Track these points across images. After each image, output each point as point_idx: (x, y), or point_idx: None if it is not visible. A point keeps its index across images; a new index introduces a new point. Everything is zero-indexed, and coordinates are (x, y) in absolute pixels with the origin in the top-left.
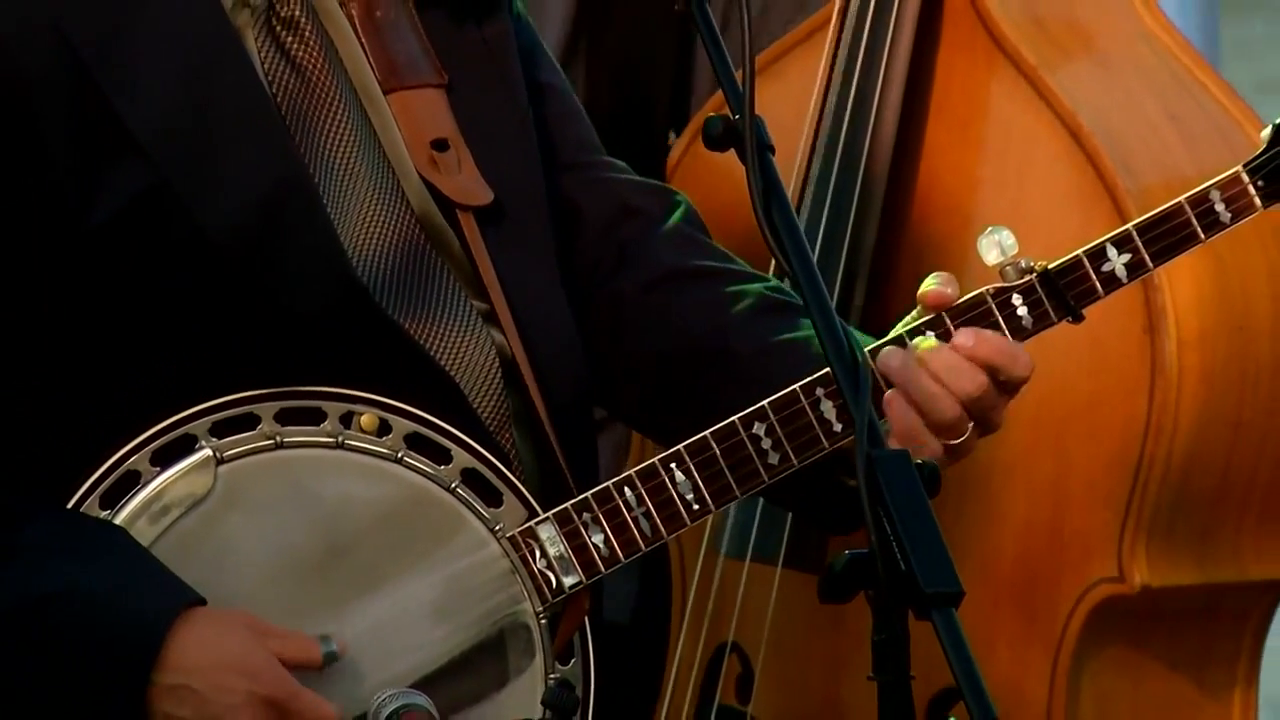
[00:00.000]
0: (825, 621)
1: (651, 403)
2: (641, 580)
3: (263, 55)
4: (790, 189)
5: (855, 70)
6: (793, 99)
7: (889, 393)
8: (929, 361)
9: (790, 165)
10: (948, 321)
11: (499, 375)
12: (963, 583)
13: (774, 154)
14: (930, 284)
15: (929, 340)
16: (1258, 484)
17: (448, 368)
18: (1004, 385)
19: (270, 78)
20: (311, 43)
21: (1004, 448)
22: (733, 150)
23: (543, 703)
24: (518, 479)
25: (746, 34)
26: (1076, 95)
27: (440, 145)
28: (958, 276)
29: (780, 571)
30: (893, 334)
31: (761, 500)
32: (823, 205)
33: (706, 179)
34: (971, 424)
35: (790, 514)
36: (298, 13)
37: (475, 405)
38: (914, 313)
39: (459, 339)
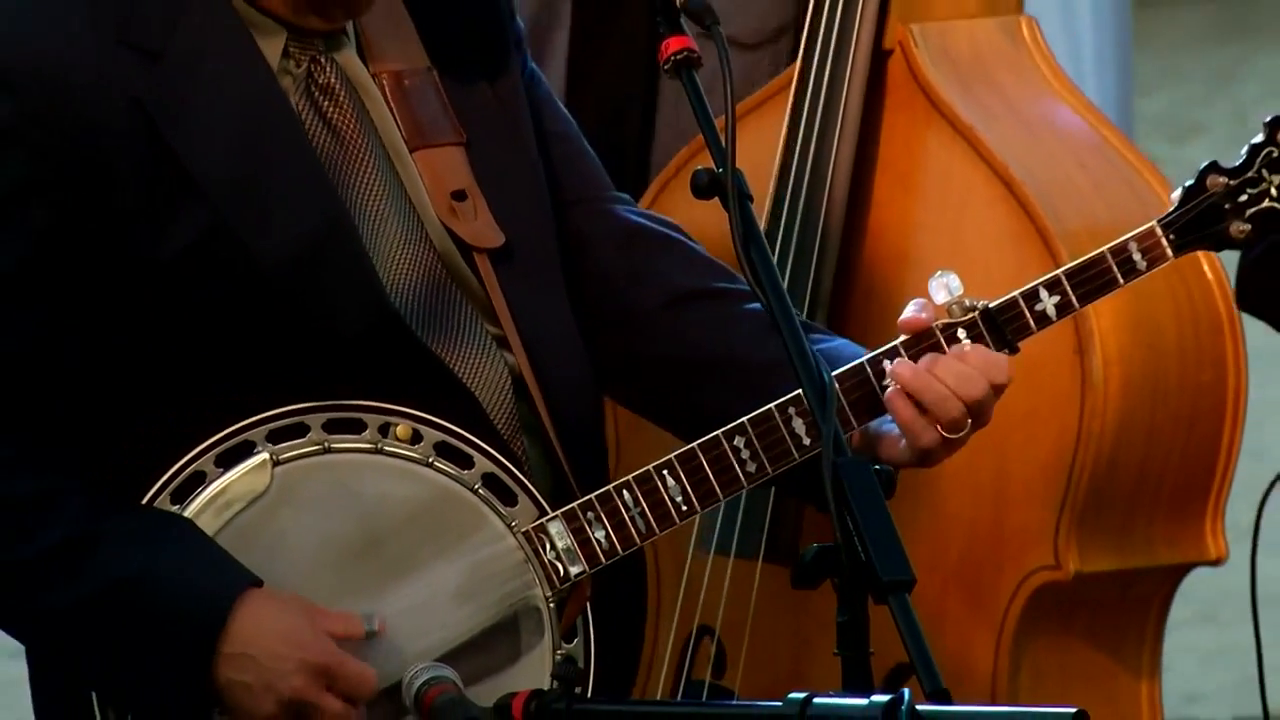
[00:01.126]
0: (790, 606)
1: (668, 407)
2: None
3: (303, 115)
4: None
5: (813, 133)
6: (750, 160)
7: (889, 392)
8: (939, 369)
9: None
10: (903, 352)
11: (510, 390)
12: (915, 572)
13: (753, 202)
14: (909, 310)
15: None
16: (1166, 483)
17: (467, 384)
18: (996, 390)
19: (311, 135)
20: (345, 106)
21: (951, 456)
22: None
23: (552, 675)
24: (529, 481)
25: (729, 98)
26: (1005, 150)
27: (459, 195)
28: (887, 304)
29: (759, 565)
30: (870, 354)
31: (733, 501)
32: (787, 255)
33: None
34: (970, 421)
35: (769, 514)
36: (334, 80)
37: (491, 416)
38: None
39: (476, 359)
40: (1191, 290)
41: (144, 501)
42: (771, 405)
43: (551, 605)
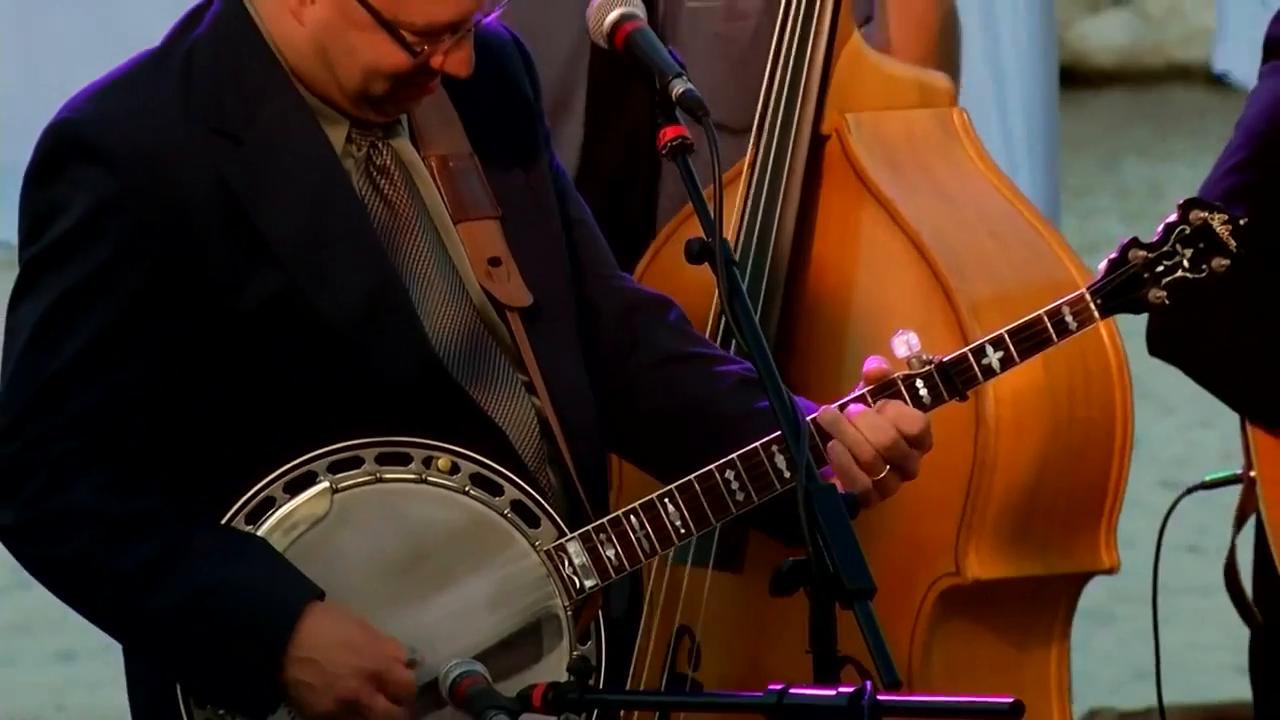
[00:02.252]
0: (754, 610)
1: (656, 450)
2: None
3: (362, 192)
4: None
5: (760, 208)
6: (729, 225)
7: (831, 443)
8: (853, 417)
9: None
10: (869, 399)
11: (537, 430)
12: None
13: (737, 266)
14: (872, 363)
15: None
16: (1059, 504)
17: (499, 423)
18: (911, 440)
19: (369, 209)
20: (398, 184)
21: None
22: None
23: (568, 670)
24: (551, 507)
25: (717, 178)
26: (921, 220)
27: (494, 262)
28: (835, 363)
29: (720, 574)
30: (839, 401)
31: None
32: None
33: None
34: (889, 467)
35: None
36: (389, 162)
37: (519, 451)
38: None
39: (508, 403)
40: (1084, 340)
41: (223, 521)
42: (757, 444)
43: (569, 613)
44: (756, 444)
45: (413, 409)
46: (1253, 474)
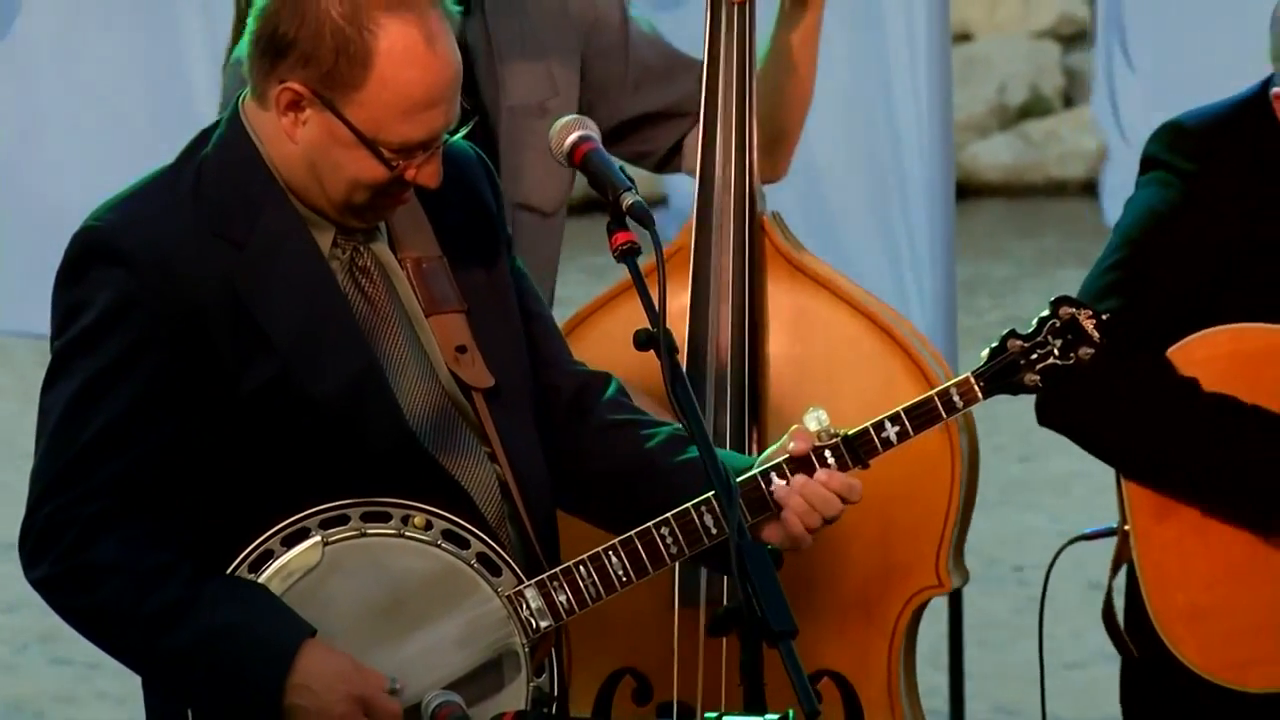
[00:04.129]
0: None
1: (605, 506)
2: None
3: (347, 290)
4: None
5: (704, 294)
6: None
7: (786, 512)
8: (810, 495)
9: None
10: (786, 469)
11: (497, 492)
12: (822, 600)
13: (679, 353)
14: (787, 439)
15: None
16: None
17: (466, 487)
18: (850, 504)
19: (352, 305)
20: (378, 283)
21: (847, 513)
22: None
23: (529, 699)
24: (510, 559)
25: (661, 280)
26: (854, 295)
27: (461, 349)
28: (785, 422)
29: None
30: (755, 469)
31: None
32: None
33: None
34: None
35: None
36: (369, 263)
37: (483, 510)
38: (769, 450)
39: (472, 469)
40: None
41: (229, 570)
42: (688, 505)
43: (526, 650)
44: (688, 505)
45: (391, 475)
46: (1127, 527)
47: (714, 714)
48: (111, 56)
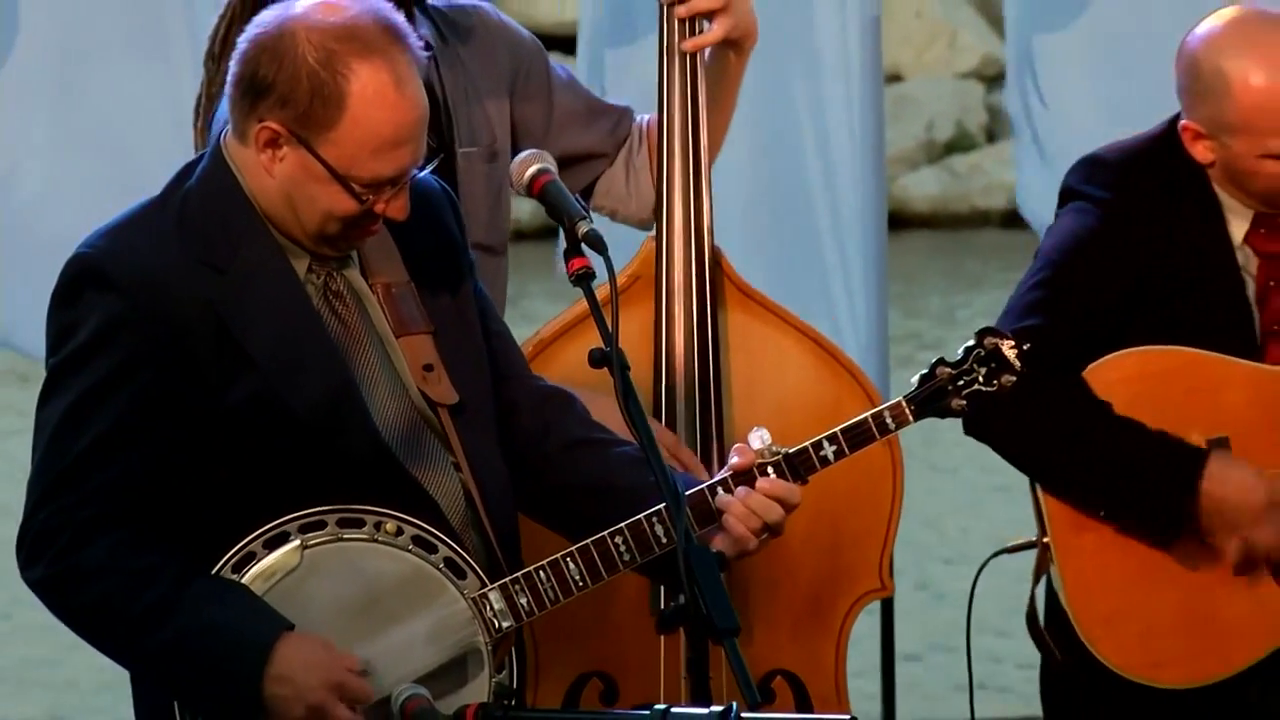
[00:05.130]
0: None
1: (566, 516)
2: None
3: (321, 312)
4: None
5: (660, 327)
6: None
7: (728, 519)
8: (751, 502)
9: None
10: (730, 483)
11: (462, 500)
12: (777, 605)
13: (629, 370)
14: (733, 455)
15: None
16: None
17: (433, 495)
18: (789, 510)
19: (327, 326)
20: (350, 306)
21: (798, 519)
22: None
23: (492, 694)
24: (475, 563)
25: (615, 301)
26: (798, 321)
27: (429, 368)
28: (738, 438)
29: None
30: (707, 483)
31: None
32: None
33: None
34: (768, 531)
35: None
36: (342, 288)
37: (449, 517)
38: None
39: (439, 479)
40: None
41: (214, 571)
42: (640, 516)
43: (489, 647)
44: (640, 516)
45: (365, 483)
46: (1045, 540)
47: (661, 706)
48: (107, 88)
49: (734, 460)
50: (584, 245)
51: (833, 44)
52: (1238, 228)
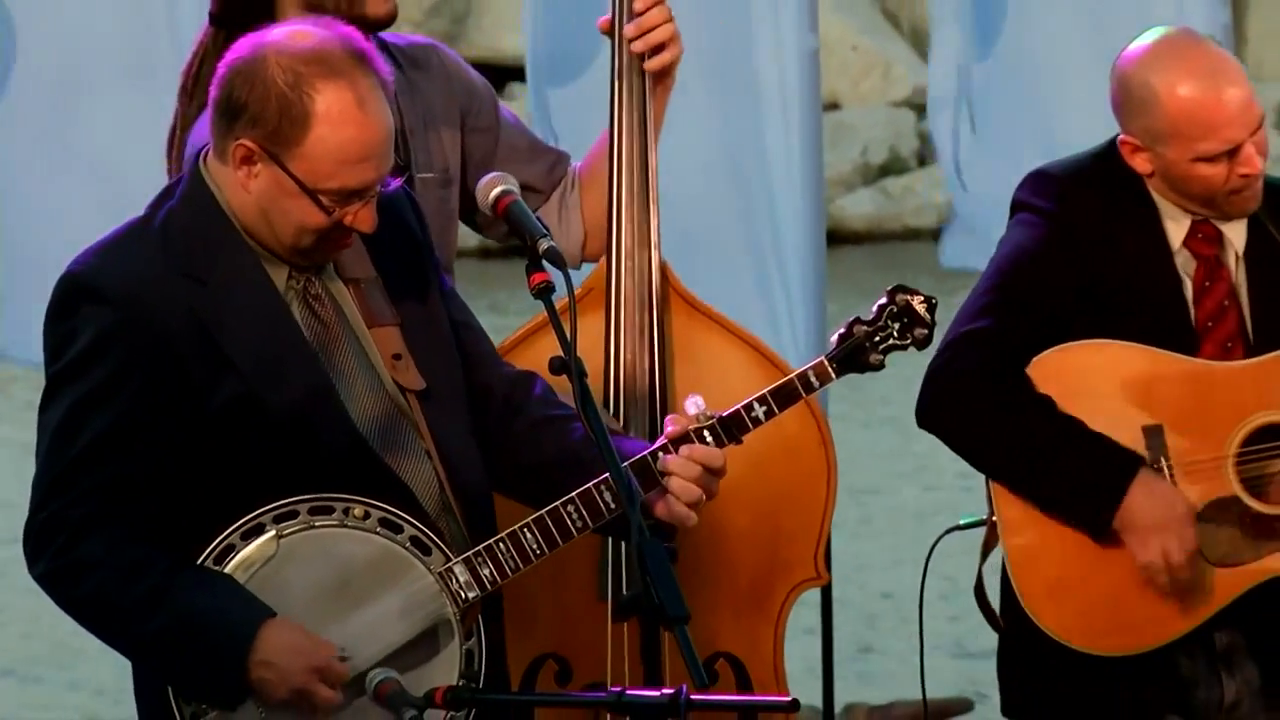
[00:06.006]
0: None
1: (537, 491)
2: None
3: (300, 314)
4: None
5: (616, 329)
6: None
7: (670, 479)
8: (669, 464)
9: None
10: (671, 447)
11: (436, 486)
12: (720, 592)
13: (586, 377)
14: (670, 421)
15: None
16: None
17: (407, 482)
18: (714, 472)
19: (305, 326)
20: (327, 306)
21: (741, 514)
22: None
23: (459, 674)
24: (449, 544)
25: (573, 311)
26: (739, 330)
27: (398, 357)
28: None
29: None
30: (649, 449)
31: None
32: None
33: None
34: (702, 490)
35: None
36: (320, 291)
37: (423, 503)
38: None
39: (413, 466)
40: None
41: (198, 562)
42: (590, 485)
43: (457, 618)
44: (589, 485)
45: (344, 475)
46: (994, 519)
47: (617, 689)
48: (100, 116)
49: (670, 428)
50: (544, 261)
51: (774, 76)
52: (1176, 233)
